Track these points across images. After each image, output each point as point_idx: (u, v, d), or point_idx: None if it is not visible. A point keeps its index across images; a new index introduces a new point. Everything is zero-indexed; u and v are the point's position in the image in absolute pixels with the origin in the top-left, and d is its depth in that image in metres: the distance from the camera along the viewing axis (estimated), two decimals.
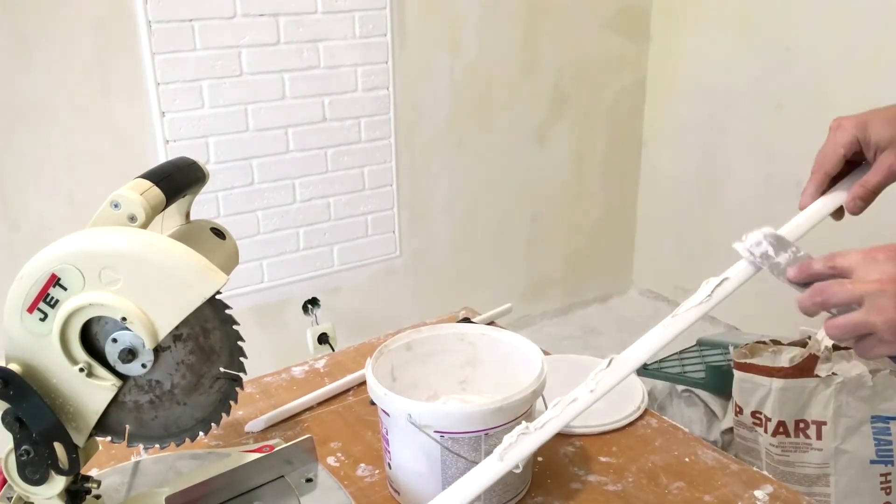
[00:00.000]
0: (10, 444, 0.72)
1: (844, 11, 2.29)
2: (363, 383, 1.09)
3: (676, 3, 2.83)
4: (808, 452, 1.68)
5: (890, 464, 1.66)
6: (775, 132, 2.58)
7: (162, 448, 0.79)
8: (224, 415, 0.77)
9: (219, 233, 0.86)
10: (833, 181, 0.77)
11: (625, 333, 2.95)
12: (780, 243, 0.70)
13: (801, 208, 0.76)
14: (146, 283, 0.69)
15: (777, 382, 1.67)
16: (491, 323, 1.27)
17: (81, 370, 0.72)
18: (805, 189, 0.77)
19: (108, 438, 0.77)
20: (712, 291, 0.69)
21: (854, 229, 1.08)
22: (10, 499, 0.75)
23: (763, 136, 2.63)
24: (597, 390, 0.67)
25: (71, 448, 0.73)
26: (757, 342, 1.75)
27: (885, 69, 2.22)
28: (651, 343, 0.70)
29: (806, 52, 2.42)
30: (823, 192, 0.77)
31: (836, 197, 0.76)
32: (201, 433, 0.78)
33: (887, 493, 1.67)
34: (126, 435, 0.77)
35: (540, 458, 0.94)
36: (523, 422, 0.67)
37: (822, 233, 0.77)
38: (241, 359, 0.75)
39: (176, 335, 0.73)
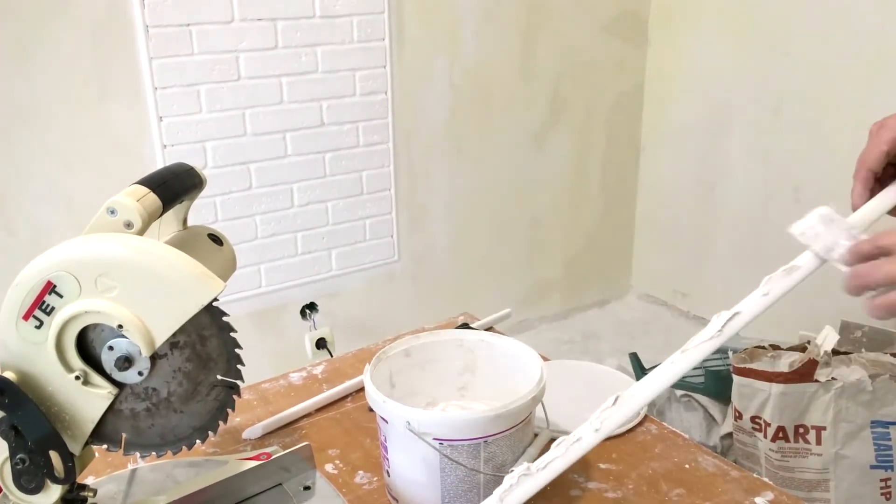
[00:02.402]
0: (6, 453, 0.71)
1: (842, 16, 2.29)
2: (361, 390, 1.09)
3: (674, 7, 2.83)
4: (808, 458, 1.68)
5: (890, 469, 1.65)
6: (773, 136, 2.58)
7: (159, 456, 0.78)
8: (221, 422, 0.77)
9: (216, 239, 0.86)
10: (878, 182, 0.75)
11: (624, 338, 2.94)
12: (832, 224, 0.66)
13: (854, 209, 0.73)
14: (143, 290, 0.69)
15: (776, 387, 1.67)
16: (490, 328, 1.26)
17: (77, 378, 0.71)
18: (853, 189, 0.75)
19: (105, 447, 0.77)
20: (723, 326, 0.67)
21: None
22: None
23: (761, 141, 2.63)
24: (602, 429, 0.66)
25: (67, 456, 0.73)
26: (756, 347, 1.75)
27: (883, 74, 2.22)
28: (659, 380, 0.68)
29: (804, 57, 2.42)
30: (872, 189, 0.74)
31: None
32: (198, 441, 0.77)
33: (887, 499, 1.67)
34: (122, 443, 0.76)
35: None
36: (525, 462, 0.65)
37: None
38: (239, 366, 0.75)
39: (173, 343, 0.72)
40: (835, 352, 1.67)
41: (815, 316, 1.99)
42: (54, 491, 0.73)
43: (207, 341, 0.73)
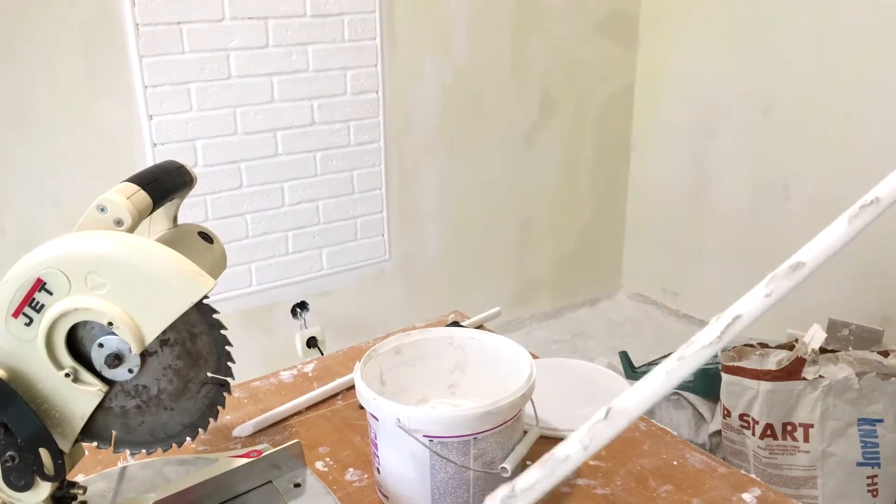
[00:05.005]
0: None
1: (831, 16, 2.31)
2: (352, 387, 1.09)
3: (664, 7, 2.85)
4: (796, 455, 1.69)
5: (876, 466, 1.67)
6: (763, 136, 2.60)
7: (149, 453, 0.78)
8: (211, 420, 0.77)
9: (206, 237, 0.86)
10: None
11: (613, 337, 2.95)
12: None
13: None
14: (133, 287, 0.69)
15: (764, 385, 1.68)
16: (480, 326, 1.27)
17: (67, 375, 0.71)
18: None
19: (95, 444, 0.77)
20: (722, 332, 0.63)
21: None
22: None
23: (751, 140, 2.64)
24: (591, 445, 0.61)
25: (56, 454, 0.72)
26: (745, 345, 1.76)
27: (871, 74, 2.24)
28: (653, 389, 0.63)
29: (793, 57, 2.44)
30: None
31: None
32: (188, 438, 0.77)
33: (874, 496, 1.68)
34: (112, 440, 0.76)
35: (529, 463, 0.94)
36: (508, 484, 0.62)
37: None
38: (229, 364, 0.75)
39: (163, 340, 0.72)
40: (822, 350, 1.68)
41: (803, 314, 2.00)
42: (44, 488, 0.73)
43: (198, 339, 0.73)
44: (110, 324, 0.69)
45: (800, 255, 0.65)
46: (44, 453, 0.72)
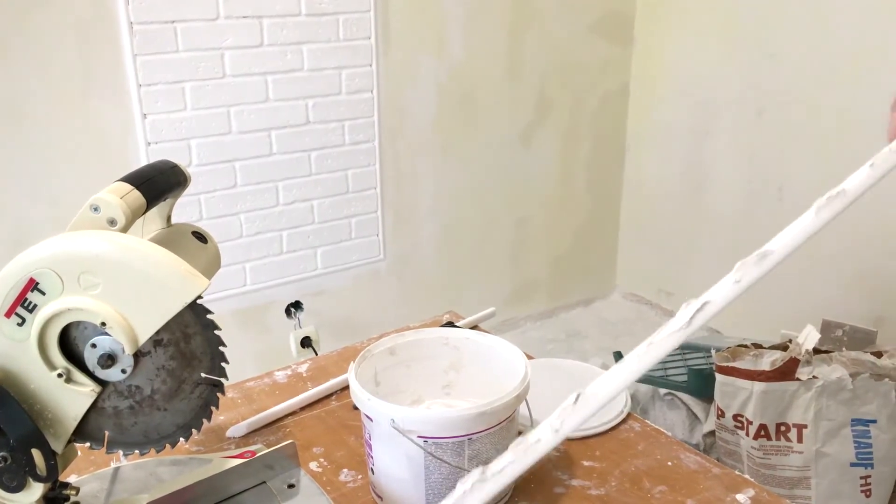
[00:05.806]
0: None
1: (826, 18, 2.32)
2: (346, 388, 1.09)
3: (660, 8, 2.85)
4: (789, 455, 1.69)
5: (870, 466, 1.67)
6: (758, 137, 2.60)
7: (142, 454, 0.78)
8: (205, 420, 0.77)
9: (200, 237, 0.86)
10: None
11: (608, 337, 2.96)
12: None
13: (890, 140, 0.69)
14: (126, 287, 0.68)
15: (758, 386, 1.68)
16: (475, 327, 1.27)
17: (60, 376, 0.71)
18: (891, 120, 0.73)
19: (88, 444, 0.76)
20: (691, 318, 0.65)
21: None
22: None
23: (745, 142, 2.65)
24: (562, 429, 0.62)
25: (49, 454, 0.72)
26: (739, 345, 1.76)
27: (866, 75, 2.25)
28: (624, 374, 0.64)
29: (788, 59, 2.45)
30: None
31: None
32: (182, 439, 0.77)
33: (867, 496, 1.69)
34: (105, 441, 0.76)
35: None
36: (479, 468, 0.63)
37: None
38: (223, 364, 0.75)
39: (156, 340, 0.72)
40: (816, 350, 1.69)
41: (797, 315, 2.01)
42: (36, 489, 0.73)
43: (191, 339, 0.73)
44: (103, 324, 0.69)
45: (769, 244, 0.65)
46: (36, 454, 0.71)
